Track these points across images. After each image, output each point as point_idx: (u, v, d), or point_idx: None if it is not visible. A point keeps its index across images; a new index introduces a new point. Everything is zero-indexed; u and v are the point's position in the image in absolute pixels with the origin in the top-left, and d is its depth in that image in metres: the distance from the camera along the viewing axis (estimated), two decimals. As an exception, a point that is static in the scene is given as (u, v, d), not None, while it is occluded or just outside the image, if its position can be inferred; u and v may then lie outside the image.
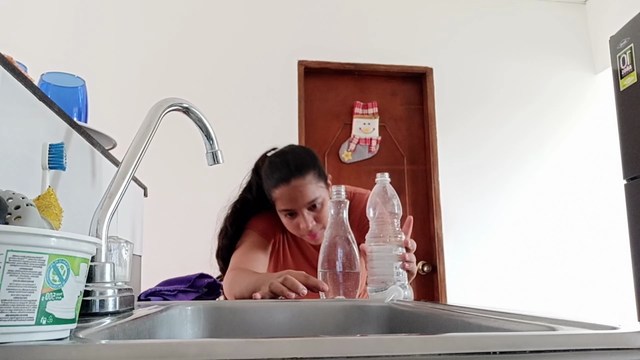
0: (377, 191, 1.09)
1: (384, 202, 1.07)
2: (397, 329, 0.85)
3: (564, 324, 0.46)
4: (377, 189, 1.09)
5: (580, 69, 3.23)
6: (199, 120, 0.87)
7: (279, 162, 1.34)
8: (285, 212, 1.34)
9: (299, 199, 1.30)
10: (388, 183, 1.09)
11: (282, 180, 1.31)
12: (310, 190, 1.31)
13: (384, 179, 1.09)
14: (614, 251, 2.90)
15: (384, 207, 1.07)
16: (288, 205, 1.32)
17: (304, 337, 0.36)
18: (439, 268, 2.90)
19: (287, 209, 1.32)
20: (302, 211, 1.32)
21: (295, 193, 1.30)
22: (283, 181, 1.31)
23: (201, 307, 0.88)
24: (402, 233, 1.08)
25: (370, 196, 1.10)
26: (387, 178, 1.10)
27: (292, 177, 1.30)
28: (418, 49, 3.10)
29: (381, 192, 1.08)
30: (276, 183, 1.32)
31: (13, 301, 0.36)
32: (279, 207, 1.34)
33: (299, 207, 1.31)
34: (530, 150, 3.10)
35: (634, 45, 1.96)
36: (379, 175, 1.10)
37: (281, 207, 1.33)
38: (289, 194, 1.30)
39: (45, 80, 0.99)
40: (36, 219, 0.47)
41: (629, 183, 2.01)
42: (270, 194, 1.35)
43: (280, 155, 1.37)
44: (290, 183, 1.30)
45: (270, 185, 1.34)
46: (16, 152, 0.71)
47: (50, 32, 2.73)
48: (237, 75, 2.90)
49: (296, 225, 1.34)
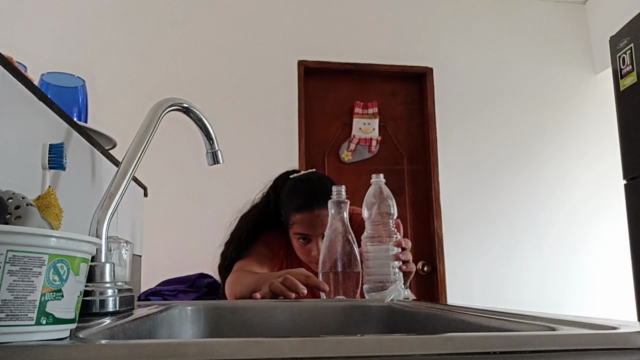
0: (372, 192, 1.10)
1: (379, 202, 1.08)
2: (397, 329, 0.85)
3: (564, 324, 0.46)
4: (373, 189, 1.10)
5: (580, 69, 3.23)
6: (199, 120, 0.86)
7: (304, 188, 1.36)
8: (299, 237, 1.35)
9: (318, 227, 1.32)
10: (383, 184, 1.10)
11: (305, 206, 1.33)
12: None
13: (379, 180, 1.10)
14: (614, 251, 2.90)
15: (380, 207, 1.07)
16: (306, 231, 1.34)
17: (304, 337, 0.36)
18: (439, 268, 2.89)
19: (304, 233, 1.34)
20: (317, 239, 1.33)
21: (316, 221, 1.32)
22: (306, 208, 1.33)
23: (201, 307, 0.88)
24: (398, 233, 1.09)
25: (365, 197, 1.11)
26: (382, 179, 1.10)
27: (317, 205, 1.32)
28: (418, 49, 3.10)
29: (377, 193, 1.09)
30: (298, 208, 1.34)
31: (13, 301, 0.36)
32: (294, 231, 1.36)
33: (316, 235, 1.33)
34: (530, 149, 3.10)
35: (634, 45, 1.96)
36: (374, 176, 1.11)
37: (298, 230, 1.35)
38: (310, 221, 1.32)
39: (45, 80, 0.99)
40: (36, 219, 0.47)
41: (629, 183, 2.01)
42: (288, 216, 1.37)
43: (306, 182, 1.39)
44: (314, 211, 1.32)
45: (292, 208, 1.35)
46: (16, 152, 0.71)
47: (50, 32, 2.72)
48: (237, 75, 2.90)
49: (307, 251, 1.35)
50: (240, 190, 1.46)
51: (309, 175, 1.42)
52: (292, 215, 1.35)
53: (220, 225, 1.48)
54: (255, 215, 1.47)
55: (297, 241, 1.37)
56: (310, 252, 1.35)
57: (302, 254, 1.38)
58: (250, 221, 1.45)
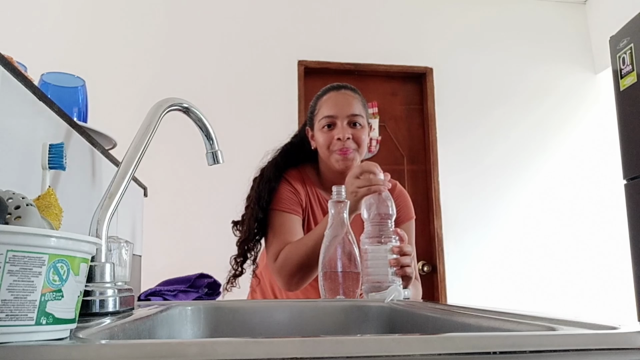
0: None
1: (377, 203, 1.09)
2: (397, 329, 0.85)
3: (564, 324, 0.46)
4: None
5: (580, 69, 3.23)
6: (199, 120, 0.86)
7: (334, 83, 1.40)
8: (325, 123, 1.33)
9: (345, 106, 1.32)
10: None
11: (333, 88, 1.36)
12: (356, 104, 1.34)
13: None
14: (614, 251, 2.90)
15: (378, 208, 1.08)
16: (332, 111, 1.32)
17: (304, 337, 0.36)
18: (439, 268, 2.89)
19: (329, 115, 1.32)
20: (343, 121, 1.31)
21: (342, 100, 1.32)
22: (334, 89, 1.36)
23: (201, 307, 0.88)
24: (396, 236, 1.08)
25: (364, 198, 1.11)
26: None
27: (344, 88, 1.36)
28: (418, 49, 3.10)
29: (376, 194, 1.09)
30: (326, 91, 1.37)
31: (13, 301, 0.36)
32: (320, 116, 1.34)
33: (341, 116, 1.31)
34: (530, 149, 3.10)
35: (634, 45, 1.96)
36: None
37: (324, 113, 1.33)
38: (336, 99, 1.33)
39: (45, 80, 0.99)
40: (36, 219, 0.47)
41: (629, 183, 2.01)
42: (314, 110, 1.37)
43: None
44: (340, 90, 1.35)
45: (320, 95, 1.38)
46: (16, 152, 0.71)
47: (50, 32, 2.73)
48: (237, 75, 2.90)
49: (331, 138, 1.32)
50: (240, 190, 1.45)
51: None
52: (319, 102, 1.36)
53: (220, 225, 1.48)
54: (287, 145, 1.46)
55: (322, 131, 1.34)
56: (335, 136, 1.31)
57: (326, 143, 1.33)
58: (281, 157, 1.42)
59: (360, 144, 1.33)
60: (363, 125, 1.34)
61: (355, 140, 1.32)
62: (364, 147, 1.35)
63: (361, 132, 1.33)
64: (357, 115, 1.32)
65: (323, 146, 1.34)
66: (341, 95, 1.34)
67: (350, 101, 1.33)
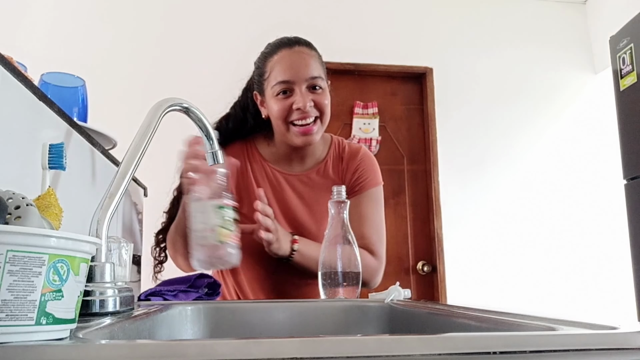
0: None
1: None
2: (397, 329, 0.85)
3: (564, 324, 0.46)
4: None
5: (580, 68, 3.23)
6: (199, 120, 0.86)
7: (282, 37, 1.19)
8: (279, 89, 1.14)
9: (302, 68, 1.13)
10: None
11: (284, 44, 1.16)
12: (314, 64, 1.16)
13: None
14: (614, 251, 2.90)
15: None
16: (287, 75, 1.13)
17: (304, 337, 0.36)
18: (439, 268, 2.89)
19: (285, 80, 1.13)
20: (301, 87, 1.13)
21: (299, 60, 1.14)
22: (286, 45, 1.15)
23: (201, 307, 0.88)
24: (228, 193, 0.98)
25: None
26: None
27: (297, 44, 1.16)
28: (418, 49, 3.10)
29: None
30: (276, 48, 1.16)
31: (13, 301, 0.36)
32: (273, 81, 1.14)
33: (299, 80, 1.13)
34: (530, 150, 3.10)
35: (634, 45, 1.96)
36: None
37: (278, 78, 1.13)
38: (290, 60, 1.13)
39: (45, 80, 0.99)
40: (36, 219, 0.47)
41: (629, 183, 2.01)
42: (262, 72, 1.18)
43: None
44: (294, 48, 1.15)
45: (268, 54, 1.17)
46: (16, 152, 0.71)
47: (50, 32, 2.72)
48: (238, 76, 2.89)
49: (289, 107, 1.13)
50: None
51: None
52: (269, 61, 1.15)
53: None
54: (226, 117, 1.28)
55: (276, 99, 1.14)
56: (292, 105, 1.12)
57: (283, 113, 1.14)
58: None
59: (323, 110, 1.16)
60: (324, 88, 1.17)
61: (317, 106, 1.15)
62: (327, 114, 1.17)
63: (323, 97, 1.16)
64: (316, 78, 1.15)
65: (279, 117, 1.16)
66: (296, 55, 1.14)
67: (308, 61, 1.14)
